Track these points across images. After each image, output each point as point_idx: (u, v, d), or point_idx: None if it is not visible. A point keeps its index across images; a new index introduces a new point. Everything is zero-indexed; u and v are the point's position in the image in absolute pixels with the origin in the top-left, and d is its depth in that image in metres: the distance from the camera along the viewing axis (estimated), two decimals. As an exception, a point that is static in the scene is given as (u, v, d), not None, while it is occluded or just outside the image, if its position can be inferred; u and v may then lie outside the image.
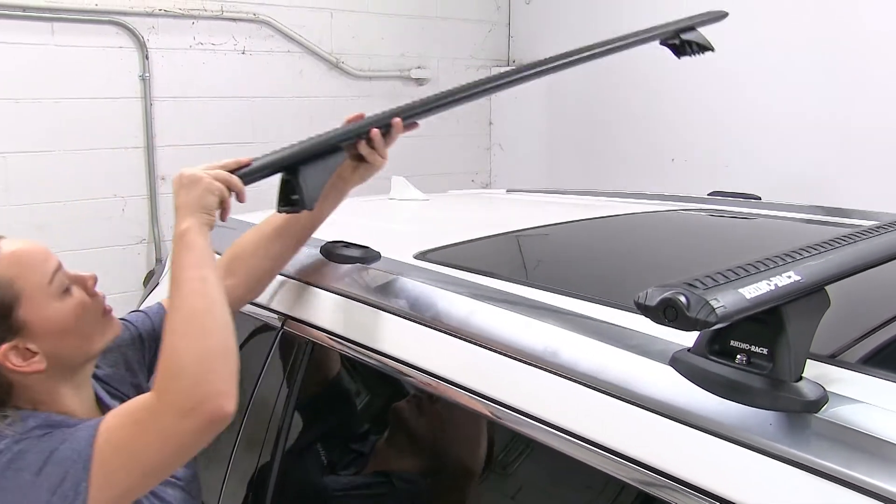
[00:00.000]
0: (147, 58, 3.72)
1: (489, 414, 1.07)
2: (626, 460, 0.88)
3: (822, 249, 0.87)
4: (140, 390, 1.34)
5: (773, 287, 0.76)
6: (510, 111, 4.97)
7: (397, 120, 1.39)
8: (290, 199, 1.32)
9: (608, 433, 0.90)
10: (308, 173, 1.30)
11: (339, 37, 4.32)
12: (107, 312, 1.25)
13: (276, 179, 1.33)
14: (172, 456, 1.07)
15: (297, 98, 4.22)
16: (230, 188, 1.25)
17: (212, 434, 1.06)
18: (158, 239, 3.83)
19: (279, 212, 1.35)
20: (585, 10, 4.56)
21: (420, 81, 4.64)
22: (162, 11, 3.73)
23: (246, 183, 1.28)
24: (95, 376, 1.30)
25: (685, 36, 1.91)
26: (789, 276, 0.78)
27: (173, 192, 1.23)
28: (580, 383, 0.95)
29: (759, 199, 2.23)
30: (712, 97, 3.97)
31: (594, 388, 0.93)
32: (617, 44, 1.84)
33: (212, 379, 1.04)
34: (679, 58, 1.93)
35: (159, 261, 3.83)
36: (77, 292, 1.20)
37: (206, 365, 1.05)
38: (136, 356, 1.38)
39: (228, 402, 1.04)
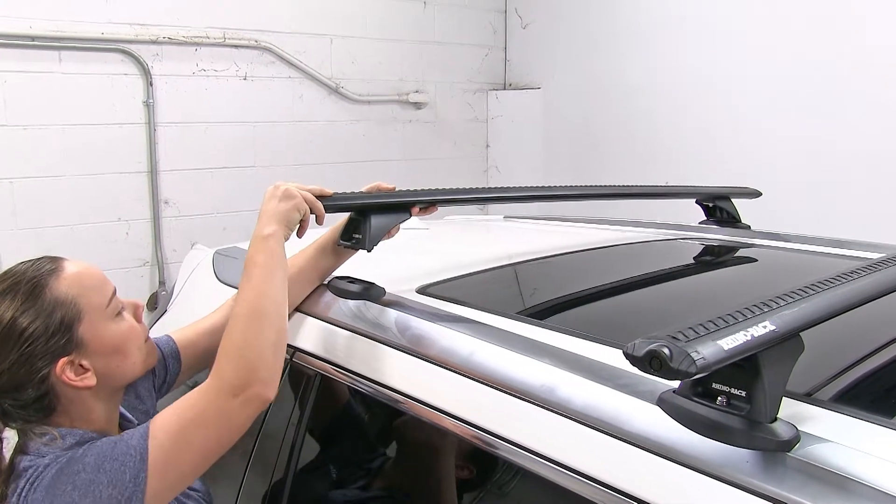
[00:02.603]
0: (151, 84, 3.80)
1: (488, 446, 1.14)
2: (615, 492, 0.95)
3: (796, 297, 0.94)
4: (148, 416, 1.42)
5: (749, 337, 0.83)
6: (506, 134, 5.06)
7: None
8: (352, 237, 1.48)
9: (599, 467, 0.97)
10: (376, 221, 1.45)
11: (339, 62, 4.41)
12: (148, 340, 1.34)
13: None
14: (225, 435, 1.18)
15: (298, 122, 4.30)
16: (314, 211, 1.40)
17: (254, 414, 1.19)
18: (161, 262, 3.90)
19: (338, 244, 1.51)
20: (581, 34, 4.65)
21: (418, 105, 4.73)
22: (166, 39, 3.81)
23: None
24: None
25: (719, 203, 2.21)
26: (765, 326, 0.86)
27: (265, 198, 1.38)
28: (574, 420, 1.02)
29: (749, 227, 2.30)
30: (707, 121, 4.05)
31: (586, 425, 1.00)
32: (656, 191, 2.10)
33: (261, 366, 1.18)
34: (707, 218, 2.27)
35: (162, 283, 3.90)
36: (128, 317, 1.29)
37: (258, 353, 1.19)
38: (144, 384, 1.45)
39: (271, 389, 1.19)
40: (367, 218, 1.46)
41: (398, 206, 1.50)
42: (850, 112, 3.46)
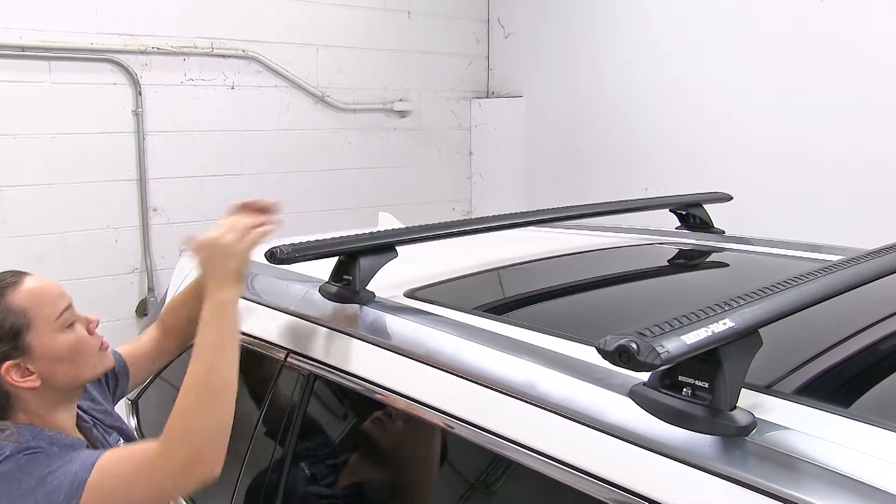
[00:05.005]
0: (140, 94, 3.86)
1: (474, 439, 1.21)
2: (591, 477, 1.03)
3: (756, 297, 1.03)
4: (107, 415, 1.56)
5: (710, 333, 0.91)
6: (489, 142, 5.14)
7: None
8: (342, 278, 1.55)
9: (576, 455, 1.05)
10: (364, 263, 1.53)
11: (325, 71, 4.49)
12: (102, 348, 1.45)
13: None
14: (157, 498, 1.28)
15: (285, 131, 4.37)
16: (260, 229, 1.42)
17: (195, 489, 1.28)
18: (150, 268, 3.96)
19: (328, 282, 1.57)
20: (562, 43, 4.74)
21: (403, 114, 4.81)
22: (155, 49, 3.87)
23: (311, 259, 1.51)
24: None
25: (692, 210, 2.29)
26: (725, 323, 0.94)
27: (198, 261, 1.41)
28: (552, 412, 1.10)
29: (724, 233, 2.39)
30: (687, 127, 4.13)
31: (564, 416, 1.09)
32: (630, 206, 2.15)
33: (209, 450, 1.25)
34: (681, 224, 2.36)
35: (151, 290, 3.95)
36: (80, 329, 1.40)
37: (208, 437, 1.25)
38: (97, 389, 1.58)
39: (217, 468, 1.26)
40: (356, 261, 1.54)
41: (385, 247, 1.58)
42: (831, 116, 3.53)
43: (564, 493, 1.06)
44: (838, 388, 1.16)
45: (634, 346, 0.86)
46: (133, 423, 2.25)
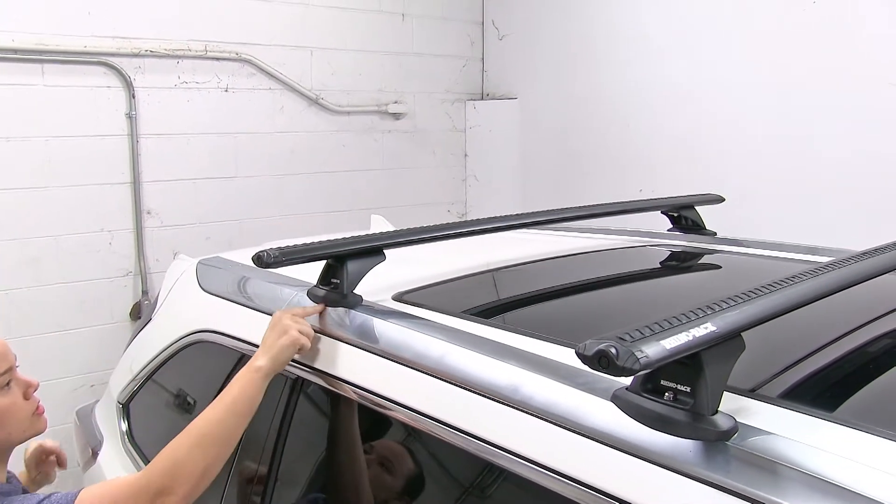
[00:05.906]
0: (134, 96, 3.85)
1: (458, 443, 1.21)
2: (573, 482, 1.02)
3: (738, 301, 1.02)
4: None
5: (691, 338, 0.91)
6: (484, 144, 5.14)
7: None
8: (330, 281, 1.56)
9: (558, 459, 1.05)
10: (352, 266, 1.54)
11: (319, 74, 4.48)
12: (36, 413, 1.47)
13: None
14: None
15: (279, 133, 4.36)
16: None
17: None
18: (144, 271, 3.95)
19: (316, 285, 1.60)
20: (556, 45, 4.74)
21: (397, 116, 4.80)
22: (148, 52, 3.87)
23: (298, 263, 1.53)
24: None
25: (684, 212, 2.30)
26: (706, 328, 0.94)
27: (270, 324, 1.51)
28: (536, 416, 1.10)
29: (715, 234, 2.39)
30: (683, 129, 4.13)
31: (547, 420, 1.08)
32: (622, 208, 2.18)
33: (185, 483, 1.31)
34: (673, 226, 2.38)
35: (145, 292, 3.94)
36: (14, 393, 1.42)
37: (191, 470, 1.32)
38: None
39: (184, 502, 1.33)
40: (343, 264, 1.54)
41: (373, 251, 1.58)
42: (829, 116, 3.50)
43: (546, 498, 1.06)
44: (821, 392, 1.16)
45: (614, 350, 0.85)
46: (124, 426, 2.25)
